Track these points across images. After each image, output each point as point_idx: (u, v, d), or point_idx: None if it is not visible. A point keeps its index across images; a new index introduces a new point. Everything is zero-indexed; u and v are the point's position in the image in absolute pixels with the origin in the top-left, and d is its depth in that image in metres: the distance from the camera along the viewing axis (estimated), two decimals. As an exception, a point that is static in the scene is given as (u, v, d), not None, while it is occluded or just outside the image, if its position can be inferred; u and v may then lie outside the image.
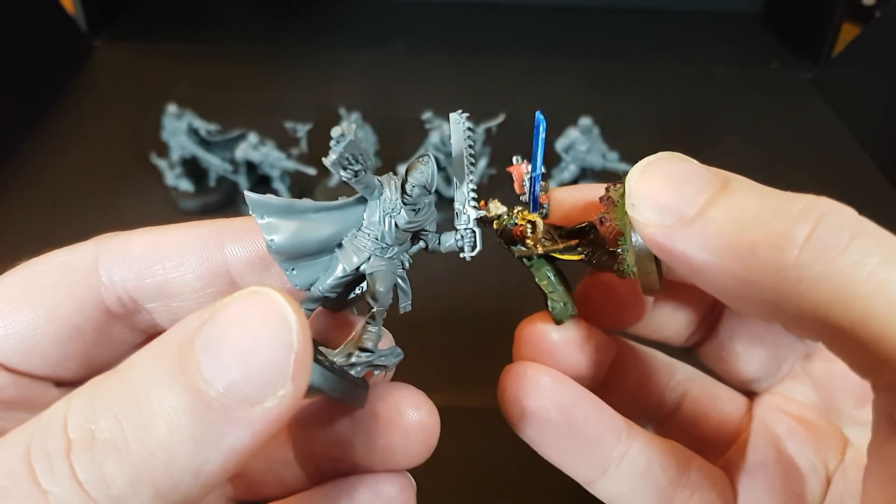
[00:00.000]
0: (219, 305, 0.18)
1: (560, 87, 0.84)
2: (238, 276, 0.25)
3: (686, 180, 0.21)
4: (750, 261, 0.19)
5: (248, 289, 0.18)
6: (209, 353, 0.17)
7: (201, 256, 0.25)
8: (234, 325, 0.17)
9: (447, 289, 0.56)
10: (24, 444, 0.17)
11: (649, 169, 0.22)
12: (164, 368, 0.17)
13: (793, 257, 0.19)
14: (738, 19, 1.00)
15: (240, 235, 0.25)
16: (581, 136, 0.64)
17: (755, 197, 0.20)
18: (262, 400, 0.17)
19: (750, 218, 0.20)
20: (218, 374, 0.17)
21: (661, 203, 0.21)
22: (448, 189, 0.63)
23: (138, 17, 0.94)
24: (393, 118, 0.72)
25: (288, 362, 0.17)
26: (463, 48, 0.91)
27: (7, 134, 0.70)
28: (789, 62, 0.89)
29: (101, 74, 0.83)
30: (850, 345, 0.18)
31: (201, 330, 0.18)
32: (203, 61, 0.86)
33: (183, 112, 0.64)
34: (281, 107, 0.73)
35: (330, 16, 0.97)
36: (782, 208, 0.20)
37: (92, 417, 0.17)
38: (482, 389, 0.48)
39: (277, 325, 0.17)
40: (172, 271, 0.25)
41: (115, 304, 0.25)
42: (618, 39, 0.95)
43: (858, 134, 0.76)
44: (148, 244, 0.25)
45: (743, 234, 0.20)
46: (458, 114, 0.25)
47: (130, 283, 0.25)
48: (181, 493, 0.17)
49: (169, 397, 0.17)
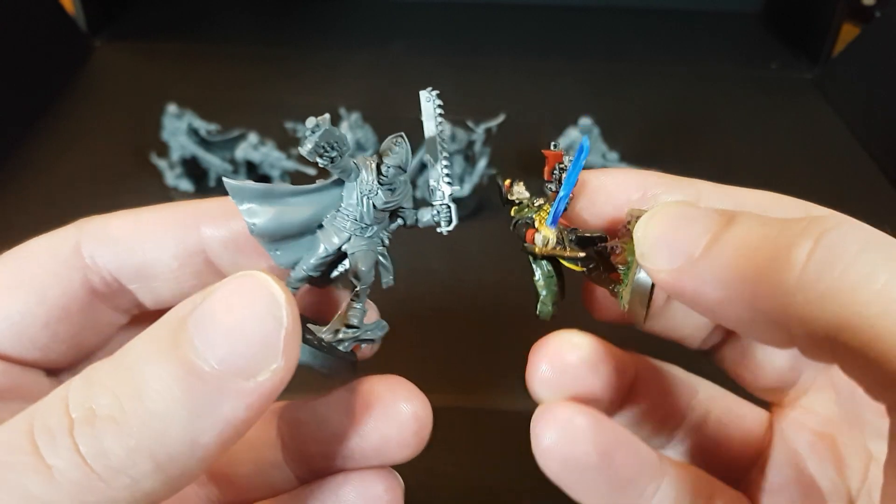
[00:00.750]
0: (210, 289, 0.19)
1: (560, 87, 0.84)
2: (214, 257, 0.26)
3: (690, 222, 0.21)
4: (758, 288, 0.19)
5: (237, 273, 0.19)
6: (201, 330, 0.18)
7: (178, 237, 0.26)
8: (225, 305, 0.18)
9: (447, 288, 0.56)
10: (26, 423, 0.18)
11: (654, 218, 0.22)
12: (158, 347, 0.18)
13: (795, 278, 0.18)
14: (738, 19, 1.00)
15: (215, 216, 0.26)
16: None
17: (759, 226, 0.20)
18: (255, 374, 0.18)
19: (754, 245, 0.20)
20: (210, 348, 0.18)
21: (668, 248, 0.21)
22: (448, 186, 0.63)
23: (138, 18, 0.94)
24: (393, 118, 0.71)
25: (279, 337, 0.19)
26: (463, 48, 0.91)
27: (7, 133, 0.70)
28: (789, 62, 0.89)
29: (101, 74, 0.83)
30: (862, 366, 0.18)
31: (194, 312, 0.19)
32: (203, 61, 0.86)
33: (183, 112, 0.64)
34: (281, 107, 0.73)
35: (330, 16, 0.97)
36: (785, 229, 0.19)
37: (91, 396, 0.18)
38: (482, 390, 0.48)
39: (267, 303, 0.19)
40: (151, 252, 0.26)
41: (99, 285, 0.25)
42: (618, 39, 0.95)
43: (859, 134, 0.76)
44: (126, 226, 0.26)
45: (748, 262, 0.19)
46: (428, 91, 0.25)
47: (112, 264, 0.25)
48: (179, 465, 0.18)
49: (163, 372, 0.18)
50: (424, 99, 0.26)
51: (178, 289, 0.26)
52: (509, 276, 0.55)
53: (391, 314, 0.26)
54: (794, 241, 0.19)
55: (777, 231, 0.19)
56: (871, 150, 0.74)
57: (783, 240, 0.19)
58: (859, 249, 0.18)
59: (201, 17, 0.96)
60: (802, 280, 0.18)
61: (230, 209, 0.26)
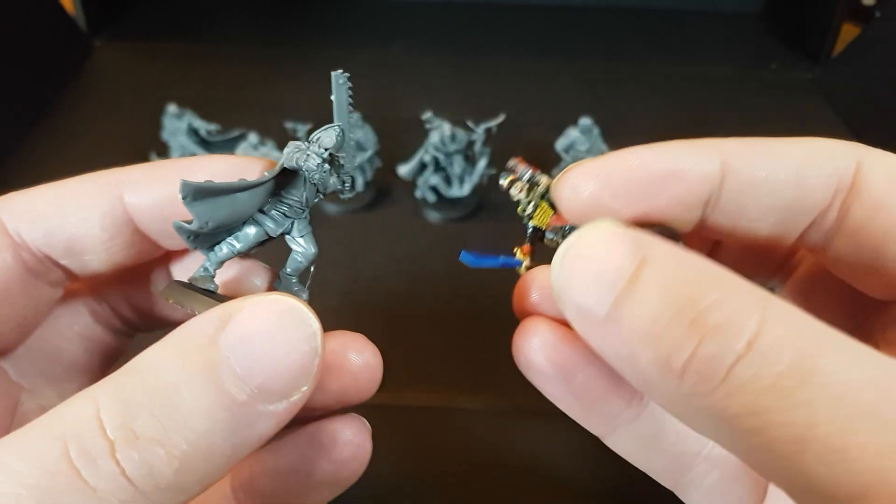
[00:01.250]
0: (234, 307, 0.20)
1: (560, 87, 0.84)
2: (142, 225, 0.26)
3: (596, 274, 0.19)
4: (647, 383, 0.19)
5: (267, 296, 0.20)
6: (238, 356, 0.19)
7: (102, 208, 0.25)
8: (260, 331, 0.20)
9: (447, 288, 0.56)
10: (58, 447, 0.18)
11: (565, 263, 0.20)
12: (195, 370, 0.19)
13: (674, 389, 0.18)
14: (738, 19, 1.00)
15: (139, 184, 0.26)
16: (581, 136, 0.64)
17: (658, 296, 0.18)
18: (288, 395, 0.20)
19: (645, 329, 0.18)
20: (249, 376, 0.19)
21: (576, 302, 0.20)
22: (448, 189, 0.63)
23: (138, 17, 0.94)
24: (393, 118, 0.72)
25: (314, 365, 0.20)
26: (463, 48, 0.91)
27: (7, 133, 0.70)
28: (789, 62, 0.89)
29: (101, 74, 0.83)
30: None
31: (224, 332, 0.19)
32: (203, 61, 0.86)
33: (183, 112, 0.64)
34: (281, 107, 0.73)
35: (330, 16, 0.97)
36: (679, 315, 0.18)
37: (129, 418, 0.18)
38: (481, 391, 0.48)
39: (304, 333, 0.20)
40: (77, 227, 0.25)
41: (31, 262, 0.25)
42: (618, 39, 0.95)
43: (859, 133, 0.76)
44: (49, 202, 0.25)
45: (639, 351, 0.18)
46: (339, 73, 0.26)
47: (40, 240, 0.25)
48: (214, 477, 0.19)
49: (204, 398, 0.19)
50: (336, 81, 0.26)
51: (110, 260, 0.26)
52: (510, 274, 0.55)
53: (392, 313, 0.26)
54: (678, 340, 0.18)
55: (672, 311, 0.18)
56: (871, 149, 0.74)
57: (671, 334, 0.18)
58: (747, 347, 0.17)
59: (201, 17, 0.96)
60: (682, 391, 0.18)
61: (154, 174, 0.26)
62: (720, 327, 0.17)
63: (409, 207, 0.64)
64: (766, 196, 0.23)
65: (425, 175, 0.63)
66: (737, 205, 0.23)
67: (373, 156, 0.64)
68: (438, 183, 0.63)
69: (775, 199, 0.23)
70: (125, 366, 0.20)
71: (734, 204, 0.23)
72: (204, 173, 0.25)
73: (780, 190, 0.23)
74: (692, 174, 0.23)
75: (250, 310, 0.20)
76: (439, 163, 0.62)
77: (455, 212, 0.63)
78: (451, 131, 0.61)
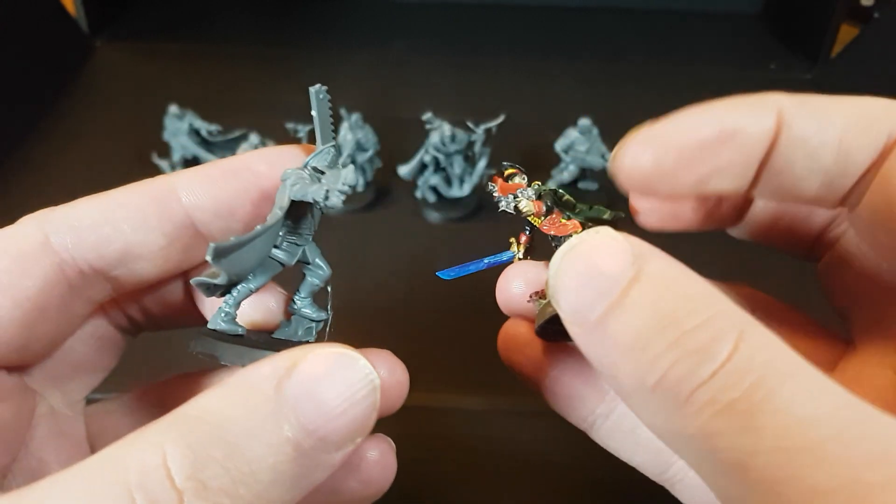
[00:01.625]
0: (296, 357, 0.20)
1: (560, 88, 0.84)
2: (203, 226, 0.26)
3: (592, 278, 0.20)
4: (623, 392, 0.19)
5: (329, 347, 0.20)
6: (305, 408, 0.19)
7: (162, 214, 0.25)
8: (326, 384, 0.20)
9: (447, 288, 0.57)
10: (122, 496, 0.18)
11: (564, 263, 0.21)
12: (262, 420, 0.19)
13: (644, 403, 0.18)
14: (737, 20, 1.00)
15: (195, 185, 0.25)
16: (580, 136, 0.64)
17: (645, 313, 0.19)
18: (346, 446, 0.20)
19: (629, 343, 0.19)
20: (314, 427, 0.20)
21: (569, 303, 0.20)
22: (448, 189, 0.64)
23: (139, 18, 0.94)
24: (393, 118, 0.72)
25: (371, 417, 0.21)
26: (463, 48, 0.91)
27: (8, 134, 0.70)
28: (788, 63, 0.89)
29: (103, 75, 0.83)
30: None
31: (289, 383, 0.20)
32: (204, 62, 0.86)
33: (184, 112, 0.65)
34: (282, 107, 0.73)
35: (331, 16, 0.97)
36: (661, 334, 0.18)
37: (198, 468, 0.18)
38: (481, 391, 0.49)
39: (369, 391, 0.20)
40: (132, 235, 0.25)
41: (76, 279, 0.25)
42: (617, 40, 0.95)
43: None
44: (97, 213, 0.25)
45: (620, 361, 0.19)
46: (319, 87, 0.26)
47: (90, 254, 0.24)
48: None
49: (272, 449, 0.19)
50: (315, 94, 0.26)
51: (164, 267, 0.26)
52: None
53: (392, 313, 0.26)
54: (654, 359, 0.18)
55: (658, 328, 0.18)
56: (869, 150, 0.74)
57: (650, 350, 0.18)
58: (711, 371, 0.17)
59: (202, 18, 0.96)
60: (652, 409, 0.18)
61: (207, 174, 0.26)
62: (694, 352, 0.18)
63: (409, 207, 0.64)
64: (813, 153, 0.23)
65: (425, 175, 0.63)
66: (786, 161, 0.23)
67: (373, 156, 0.64)
68: (438, 183, 0.63)
69: (821, 157, 0.23)
70: (182, 411, 0.19)
71: (784, 161, 0.23)
72: (260, 164, 0.25)
73: (826, 148, 0.23)
74: (750, 131, 0.23)
75: (315, 361, 0.20)
76: (439, 163, 0.63)
77: (455, 212, 0.63)
78: (451, 132, 0.61)
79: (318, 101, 0.26)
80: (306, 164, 0.26)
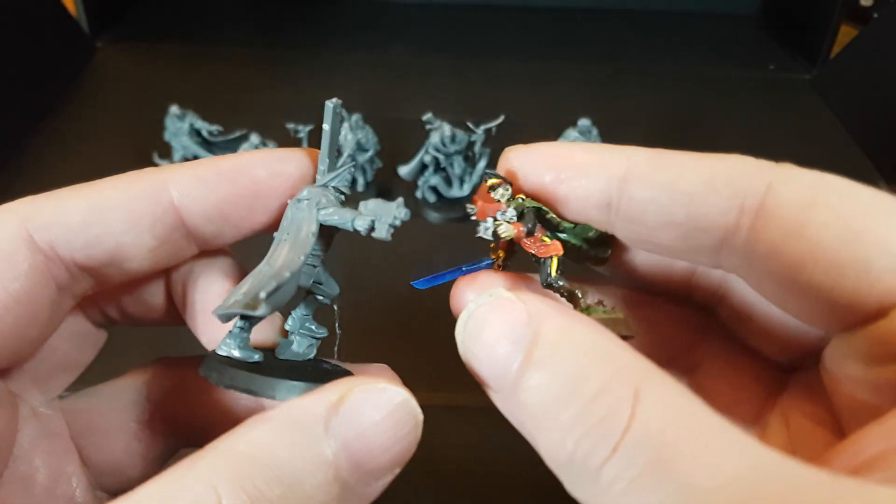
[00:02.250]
0: (342, 390, 0.20)
1: (559, 88, 0.84)
2: (196, 228, 0.25)
3: (495, 347, 0.21)
4: (544, 458, 0.20)
5: (378, 384, 0.20)
6: (354, 446, 0.20)
7: (154, 214, 0.24)
8: (375, 422, 0.20)
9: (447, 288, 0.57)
10: None
11: (467, 334, 0.22)
12: (314, 460, 0.19)
13: (561, 474, 0.19)
14: (736, 20, 1.00)
15: (188, 186, 0.25)
16: (580, 136, 0.64)
17: (547, 382, 0.19)
18: (385, 478, 0.21)
19: (538, 417, 0.19)
20: (362, 463, 0.20)
21: (483, 374, 0.21)
22: (448, 189, 0.64)
23: (141, 19, 0.94)
24: (393, 118, 0.72)
25: (412, 451, 0.21)
26: (463, 49, 0.91)
27: (9, 135, 0.70)
28: (787, 63, 0.90)
29: (104, 76, 0.84)
30: None
31: (338, 419, 0.20)
32: (205, 62, 0.86)
33: (185, 113, 0.65)
34: (282, 107, 0.73)
35: (331, 17, 0.97)
36: (564, 407, 0.19)
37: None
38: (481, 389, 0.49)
39: (413, 426, 0.21)
40: (123, 235, 0.24)
41: (62, 277, 0.24)
42: (617, 41, 0.95)
43: (857, 134, 0.77)
44: (87, 211, 0.24)
45: (535, 434, 0.19)
46: (335, 101, 0.25)
47: (78, 254, 0.24)
48: None
49: (323, 486, 0.19)
50: (334, 111, 0.25)
51: (154, 265, 0.25)
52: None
53: (393, 313, 0.26)
54: (568, 424, 0.18)
55: (564, 397, 0.19)
56: (868, 150, 0.74)
57: (562, 409, 0.19)
58: (611, 453, 0.18)
59: (203, 19, 0.96)
60: (569, 468, 0.19)
61: (202, 171, 0.25)
62: (596, 426, 0.18)
63: (410, 208, 0.64)
64: (664, 210, 0.23)
65: (426, 175, 0.63)
66: (637, 213, 0.24)
67: (373, 156, 0.65)
68: (439, 183, 0.63)
69: (672, 214, 0.23)
70: (231, 446, 0.19)
71: (634, 212, 0.24)
72: (258, 169, 0.25)
73: (676, 206, 0.23)
74: (595, 170, 0.24)
75: (363, 398, 0.20)
76: (440, 163, 0.63)
77: (455, 212, 0.64)
78: (451, 132, 0.61)
79: (333, 116, 0.25)
80: (327, 184, 0.25)
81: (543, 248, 0.25)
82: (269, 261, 0.24)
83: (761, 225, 0.22)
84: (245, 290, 0.23)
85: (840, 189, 0.22)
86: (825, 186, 0.22)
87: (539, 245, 0.25)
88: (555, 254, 0.25)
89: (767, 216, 0.22)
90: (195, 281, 0.27)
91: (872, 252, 0.20)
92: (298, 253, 0.24)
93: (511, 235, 0.25)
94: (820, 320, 0.23)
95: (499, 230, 0.25)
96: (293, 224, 0.24)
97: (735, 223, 0.23)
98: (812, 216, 0.21)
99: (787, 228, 0.21)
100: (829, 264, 0.20)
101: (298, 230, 0.24)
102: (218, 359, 0.23)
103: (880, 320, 0.20)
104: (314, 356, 0.26)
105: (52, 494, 0.25)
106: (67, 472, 0.26)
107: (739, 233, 0.23)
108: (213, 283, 0.27)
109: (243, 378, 0.22)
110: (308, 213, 0.24)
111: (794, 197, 0.22)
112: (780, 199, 0.22)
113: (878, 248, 0.20)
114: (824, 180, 0.22)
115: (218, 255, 0.28)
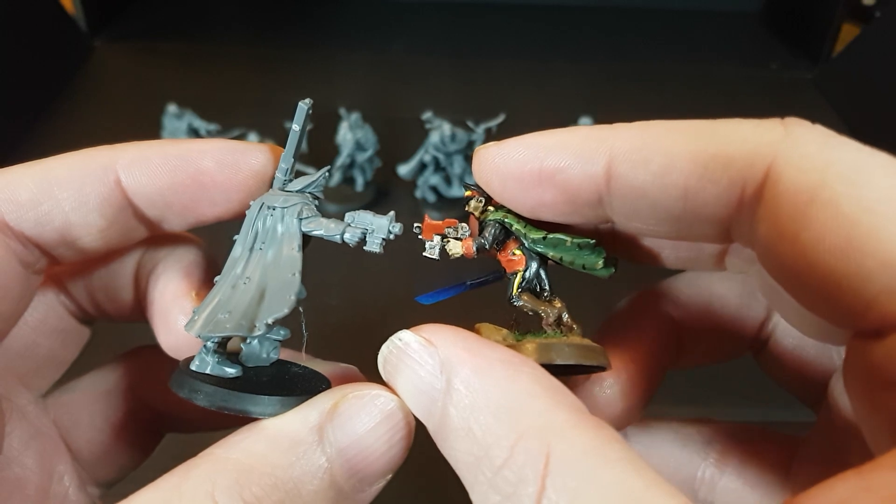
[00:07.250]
0: (335, 398, 0.20)
1: (560, 88, 0.84)
2: (144, 210, 0.24)
3: (415, 396, 0.20)
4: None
5: (370, 391, 0.21)
6: (348, 453, 0.20)
7: (101, 195, 0.24)
8: (368, 429, 0.20)
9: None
10: None
11: (387, 374, 0.21)
12: (309, 467, 0.20)
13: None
14: (738, 19, 1.00)
15: (135, 169, 0.24)
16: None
17: (464, 437, 0.19)
18: (378, 483, 0.21)
19: (465, 473, 0.19)
20: (356, 469, 0.20)
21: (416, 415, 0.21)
22: (448, 189, 0.63)
23: (138, 18, 0.94)
24: (393, 118, 0.72)
25: (403, 456, 0.21)
26: (463, 48, 0.91)
27: (7, 134, 0.70)
28: (789, 62, 0.89)
29: (102, 74, 0.83)
30: None
31: (332, 427, 0.20)
32: (203, 61, 0.86)
33: (183, 112, 0.65)
34: (281, 107, 0.73)
35: (330, 16, 0.97)
36: (481, 471, 0.18)
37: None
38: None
39: (404, 431, 0.21)
40: (72, 214, 0.24)
41: (21, 252, 0.24)
42: (617, 39, 0.95)
43: (859, 133, 0.76)
44: (37, 186, 0.23)
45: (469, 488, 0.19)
46: (308, 101, 0.24)
47: (31, 229, 0.23)
48: None
49: (318, 495, 0.19)
50: (307, 112, 0.25)
51: (105, 244, 0.25)
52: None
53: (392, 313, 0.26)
54: (497, 443, 0.18)
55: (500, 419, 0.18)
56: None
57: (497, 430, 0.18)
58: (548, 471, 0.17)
59: (201, 18, 0.96)
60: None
61: (150, 154, 0.24)
62: (510, 497, 0.17)
63: (409, 207, 0.64)
64: (656, 205, 0.22)
65: (425, 175, 0.63)
66: (629, 209, 0.22)
67: (373, 156, 0.64)
68: (438, 183, 0.63)
69: (667, 210, 0.22)
70: (226, 455, 0.19)
71: (626, 208, 0.22)
72: (205, 159, 0.24)
73: (670, 200, 0.21)
74: (574, 174, 0.22)
75: (357, 404, 0.20)
76: (439, 163, 0.62)
77: (455, 212, 0.63)
78: (451, 131, 0.61)
79: (304, 117, 0.25)
80: (302, 190, 0.24)
81: (511, 264, 0.24)
82: (246, 272, 0.23)
83: (761, 217, 0.20)
84: (230, 310, 0.22)
85: (849, 172, 0.20)
86: (832, 169, 0.19)
87: (507, 260, 0.24)
88: (518, 269, 0.24)
89: (766, 212, 0.20)
90: (156, 279, 0.26)
91: (872, 267, 0.18)
92: (291, 270, 0.23)
93: (459, 254, 0.24)
94: (828, 316, 0.21)
95: (447, 247, 0.24)
96: (269, 234, 0.23)
97: (737, 212, 0.21)
98: (812, 216, 0.19)
99: (784, 230, 0.19)
100: (826, 275, 0.18)
101: (279, 244, 0.23)
102: (191, 374, 0.22)
103: (878, 341, 0.18)
104: (278, 357, 0.25)
105: (45, 495, 0.25)
106: (59, 470, 0.26)
107: (742, 218, 0.21)
108: (169, 283, 0.26)
109: (222, 396, 0.21)
110: (289, 223, 0.23)
111: (795, 189, 0.19)
112: (780, 188, 0.19)
113: (877, 263, 0.18)
114: (833, 157, 0.20)
115: (182, 245, 0.27)
